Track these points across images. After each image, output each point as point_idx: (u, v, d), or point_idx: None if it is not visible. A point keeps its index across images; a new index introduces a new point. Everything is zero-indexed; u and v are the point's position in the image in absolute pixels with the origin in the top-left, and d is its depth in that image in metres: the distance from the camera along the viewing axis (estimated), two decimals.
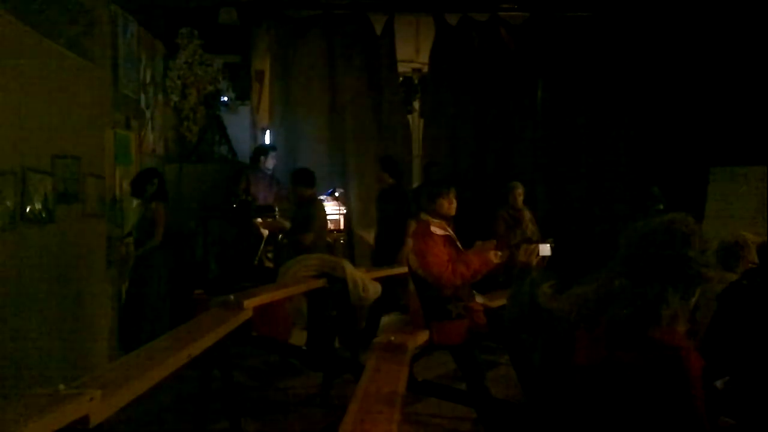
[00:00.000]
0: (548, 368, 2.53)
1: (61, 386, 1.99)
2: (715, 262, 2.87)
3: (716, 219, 6.05)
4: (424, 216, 4.21)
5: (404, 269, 4.91)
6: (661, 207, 5.60)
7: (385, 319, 6.02)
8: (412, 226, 4.72)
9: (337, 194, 6.83)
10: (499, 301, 4.65)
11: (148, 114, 6.51)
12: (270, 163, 6.91)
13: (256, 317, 4.05)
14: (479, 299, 4.34)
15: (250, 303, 3.85)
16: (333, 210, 6.73)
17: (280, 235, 6.40)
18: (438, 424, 4.26)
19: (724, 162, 6.77)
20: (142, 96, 6.38)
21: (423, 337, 4.06)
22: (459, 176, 7.25)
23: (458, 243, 4.22)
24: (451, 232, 4.23)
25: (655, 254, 1.79)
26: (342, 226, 6.77)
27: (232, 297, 3.88)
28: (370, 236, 7.26)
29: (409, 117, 8.29)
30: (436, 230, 4.11)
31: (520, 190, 6.51)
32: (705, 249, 1.82)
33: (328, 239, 6.33)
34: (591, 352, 1.81)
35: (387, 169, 6.51)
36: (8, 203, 3.65)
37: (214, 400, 3.93)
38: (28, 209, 3.89)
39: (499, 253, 4.13)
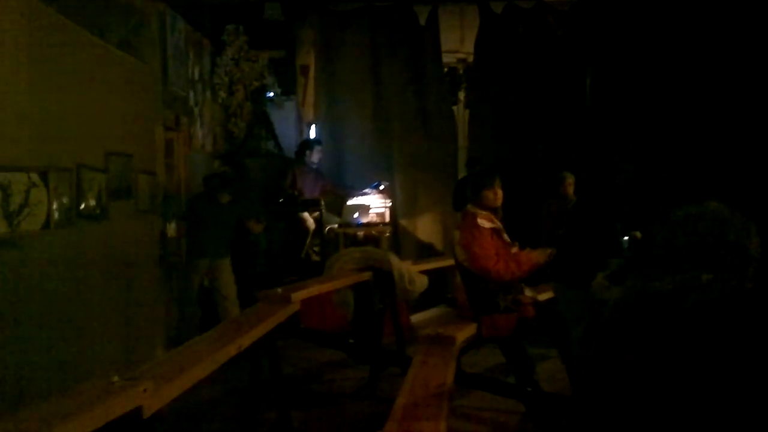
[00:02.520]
0: (596, 359, 2.48)
1: (115, 377, 2.03)
2: None
3: None
4: (470, 208, 4.16)
5: (451, 261, 4.87)
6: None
7: (433, 312, 6.00)
8: (458, 218, 4.67)
9: (382, 187, 6.82)
10: (548, 294, 4.59)
11: (196, 111, 6.62)
12: (315, 157, 6.95)
13: (304, 310, 4.08)
14: (528, 292, 4.26)
15: (298, 296, 3.88)
16: (378, 203, 6.73)
17: (327, 229, 6.44)
18: (486, 417, 4.22)
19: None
20: (191, 93, 6.49)
21: (471, 330, 4.02)
22: (505, 167, 7.16)
23: (505, 235, 4.16)
24: (499, 224, 4.17)
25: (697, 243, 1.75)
26: (387, 219, 6.76)
27: (279, 290, 3.91)
28: (415, 228, 7.24)
29: (454, 108, 8.21)
30: (483, 222, 4.05)
31: (570, 180, 6.36)
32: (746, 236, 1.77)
33: (374, 232, 6.34)
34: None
35: None
36: (64, 200, 3.76)
37: (263, 392, 3.98)
38: (83, 206, 4.00)
39: (549, 252, 4.09)
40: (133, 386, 1.99)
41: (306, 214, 6.60)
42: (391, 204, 6.87)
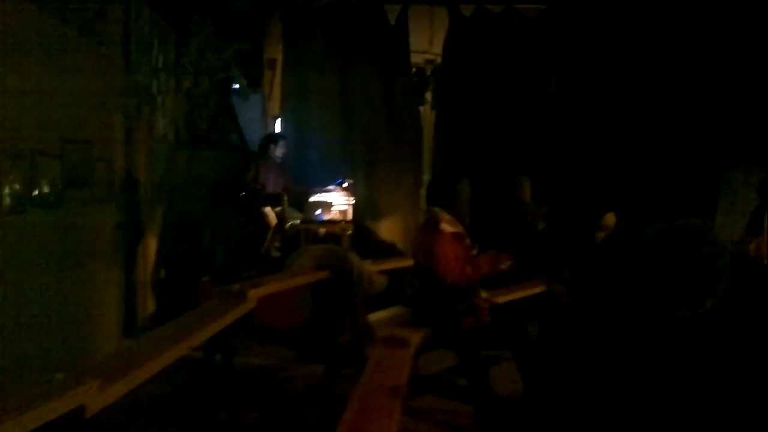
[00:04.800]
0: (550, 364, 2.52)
1: (59, 375, 1.99)
2: None
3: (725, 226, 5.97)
4: (433, 210, 4.16)
5: (411, 262, 4.89)
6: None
7: (390, 312, 6.01)
8: (420, 218, 4.69)
9: (345, 185, 6.80)
10: (504, 298, 4.65)
11: (159, 100, 6.51)
12: (279, 151, 6.90)
13: (260, 307, 4.04)
14: (484, 295, 4.31)
15: (254, 293, 3.84)
16: (341, 200, 6.71)
17: (288, 225, 6.39)
18: (438, 419, 4.25)
19: (737, 164, 6.66)
20: (154, 82, 6.38)
21: (426, 332, 4.05)
22: (471, 169, 7.20)
23: (468, 240, 4.19)
24: (461, 228, 4.18)
25: (671, 259, 1.78)
26: (350, 217, 6.75)
27: (236, 287, 3.87)
28: (376, 227, 7.24)
29: (421, 108, 8.23)
30: (445, 226, 4.07)
31: (526, 185, 6.45)
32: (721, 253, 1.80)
33: (335, 229, 6.32)
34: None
35: None
36: (17, 186, 3.66)
37: (214, 390, 3.93)
38: (36, 193, 3.90)
39: (509, 262, 4.14)
40: (76, 384, 1.95)
41: (268, 209, 6.54)
42: (354, 202, 6.86)
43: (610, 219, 5.95)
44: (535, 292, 5.10)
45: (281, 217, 6.49)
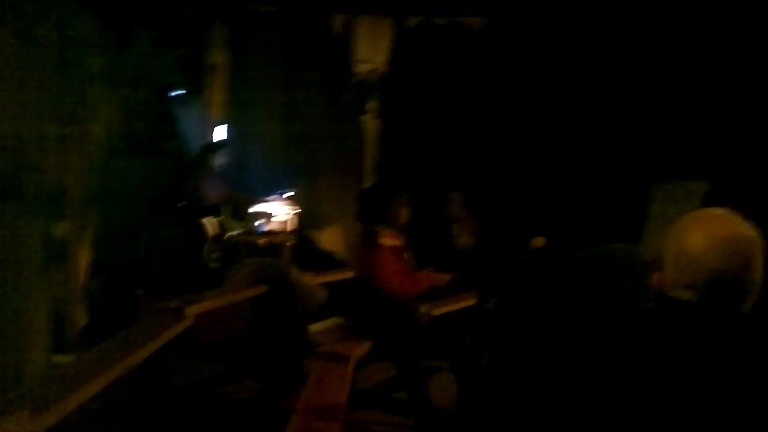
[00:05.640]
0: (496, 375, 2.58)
1: None
2: None
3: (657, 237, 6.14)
4: (374, 224, 4.18)
5: (352, 274, 4.90)
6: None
7: (330, 323, 6.01)
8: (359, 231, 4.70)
9: (286, 195, 6.76)
10: (442, 310, 4.71)
11: (95, 106, 6.33)
12: (220, 160, 6.81)
13: (198, 323, 3.99)
14: (423, 308, 4.37)
15: (192, 310, 3.79)
16: (283, 211, 6.68)
17: (227, 236, 6.32)
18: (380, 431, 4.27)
19: (667, 177, 6.87)
20: (90, 88, 6.20)
21: (366, 345, 4.07)
22: (412, 181, 7.27)
23: (407, 253, 4.23)
24: (401, 242, 4.23)
25: (596, 285, 1.86)
26: (290, 228, 6.72)
27: (173, 303, 3.80)
28: (318, 238, 7.23)
29: (363, 118, 8.26)
30: (384, 241, 4.11)
31: (457, 199, 6.57)
32: (645, 280, 1.90)
33: (276, 241, 6.28)
34: None
35: None
36: None
37: (151, 407, 3.84)
38: None
39: (448, 278, 4.23)
40: (3, 416, 1.88)
41: (206, 220, 6.44)
42: (295, 212, 6.83)
43: (538, 242, 6.12)
44: (467, 305, 5.18)
45: (220, 228, 6.40)
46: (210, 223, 6.46)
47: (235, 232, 6.50)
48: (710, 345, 1.56)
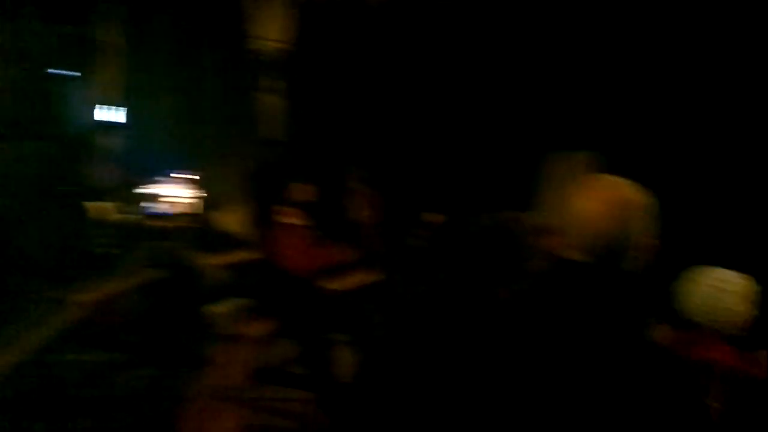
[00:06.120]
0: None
1: None
2: None
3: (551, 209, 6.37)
4: (269, 202, 4.13)
5: (255, 254, 4.82)
6: None
7: (229, 305, 5.91)
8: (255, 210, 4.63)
9: (177, 176, 6.57)
10: (346, 285, 4.72)
11: None
12: (109, 141, 6.53)
13: (86, 311, 3.81)
14: (325, 284, 4.36)
15: (76, 299, 3.61)
16: (178, 192, 6.48)
17: (119, 219, 6.07)
18: (281, 408, 4.23)
19: (554, 148, 7.07)
20: None
21: (269, 325, 4.03)
22: (315, 158, 7.21)
23: (306, 231, 4.20)
24: (298, 219, 4.19)
25: (488, 252, 1.96)
26: (187, 209, 6.53)
27: (61, 294, 3.61)
28: (217, 219, 7.06)
29: (262, 96, 8.11)
30: (281, 218, 4.07)
31: (359, 174, 6.59)
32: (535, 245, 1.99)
33: (173, 224, 6.10)
34: None
35: None
36: None
37: (32, 401, 3.63)
38: None
39: (353, 254, 4.24)
40: None
41: (94, 204, 6.16)
42: (191, 194, 6.64)
43: (435, 217, 6.26)
44: (372, 280, 5.22)
45: (113, 212, 6.14)
46: (98, 208, 6.17)
47: (129, 216, 6.25)
48: (585, 299, 1.66)
